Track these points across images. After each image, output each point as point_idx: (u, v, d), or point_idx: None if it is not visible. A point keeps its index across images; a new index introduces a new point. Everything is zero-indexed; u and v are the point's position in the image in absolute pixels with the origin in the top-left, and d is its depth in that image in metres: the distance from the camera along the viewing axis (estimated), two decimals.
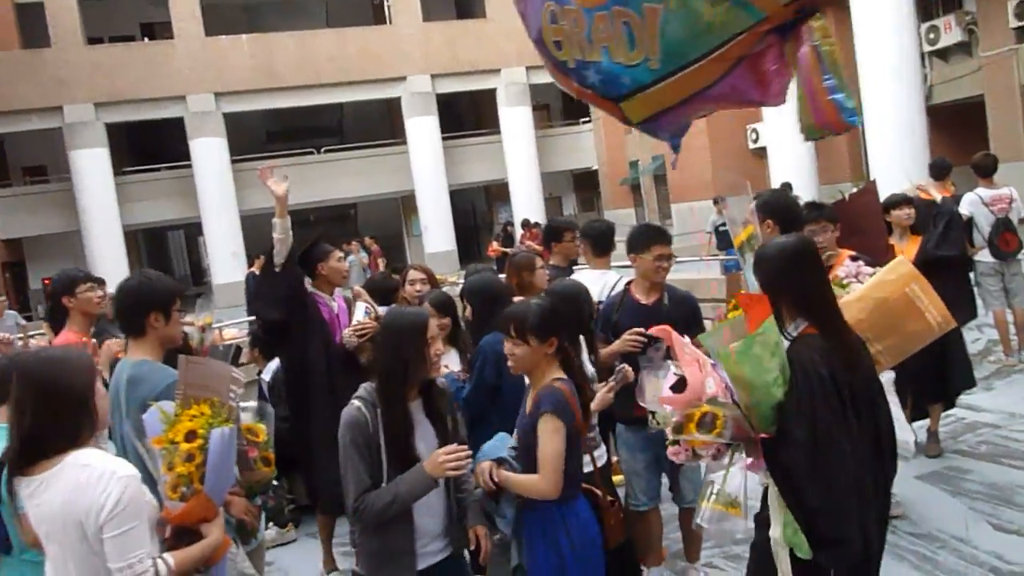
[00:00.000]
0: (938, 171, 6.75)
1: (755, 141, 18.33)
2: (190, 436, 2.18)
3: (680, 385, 2.39)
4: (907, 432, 3.11)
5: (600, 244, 4.45)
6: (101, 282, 4.24)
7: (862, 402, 2.36)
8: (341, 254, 4.49)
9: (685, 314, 3.64)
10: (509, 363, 2.73)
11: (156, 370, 2.72)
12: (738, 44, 2.71)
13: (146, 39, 22.63)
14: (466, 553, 2.80)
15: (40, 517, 2.05)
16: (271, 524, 4.80)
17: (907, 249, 4.87)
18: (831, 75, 2.63)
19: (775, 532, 2.38)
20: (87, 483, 1.99)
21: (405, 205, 24.56)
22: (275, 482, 3.16)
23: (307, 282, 4.38)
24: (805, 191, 13.13)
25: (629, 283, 3.86)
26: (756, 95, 2.98)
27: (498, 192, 25.31)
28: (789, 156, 15.03)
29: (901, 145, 11.95)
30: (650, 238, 3.70)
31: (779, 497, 2.35)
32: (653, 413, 3.30)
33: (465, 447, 2.50)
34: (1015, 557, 3.78)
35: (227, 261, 20.11)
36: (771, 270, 2.49)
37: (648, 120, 3.18)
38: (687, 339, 2.55)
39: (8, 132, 20.57)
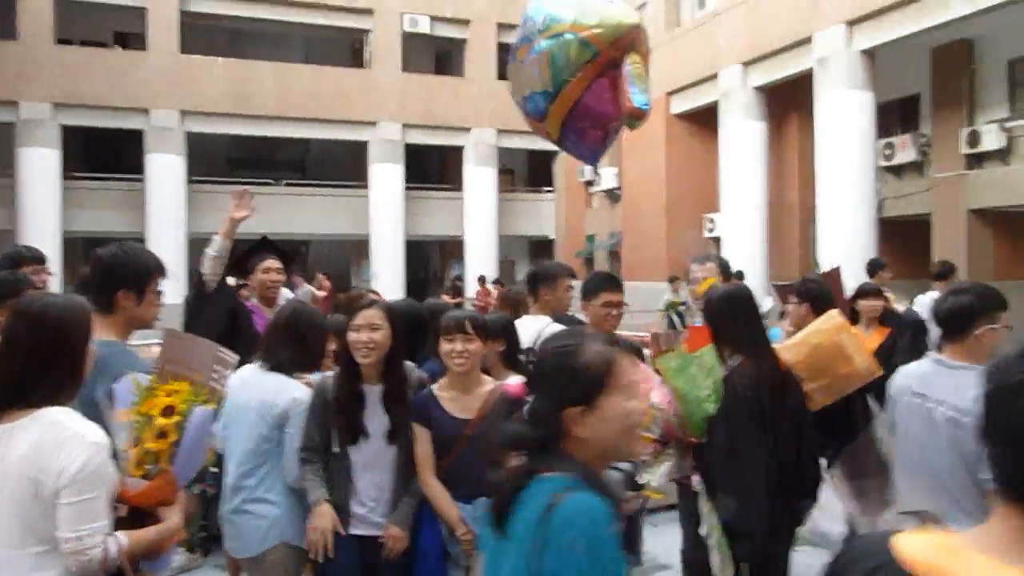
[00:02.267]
0: (871, 268, 7.05)
1: (711, 231, 18.70)
2: (167, 411, 2.06)
3: None
4: (838, 524, 3.08)
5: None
6: (42, 260, 3.98)
7: (786, 426, 2.79)
8: (271, 264, 4.28)
9: None
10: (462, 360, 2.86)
11: (124, 354, 2.45)
12: (590, 67, 4.54)
13: (118, 48, 22.29)
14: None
15: None
16: (180, 547, 4.45)
17: (871, 340, 4.83)
18: (634, 82, 4.41)
19: (703, 530, 2.79)
20: (54, 442, 1.85)
21: (358, 249, 24.30)
22: (212, 468, 3.06)
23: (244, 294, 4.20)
24: (755, 282, 13.36)
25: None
26: (611, 110, 4.67)
27: (453, 249, 25.25)
28: (744, 247, 15.37)
29: (851, 251, 12.27)
30: (598, 285, 3.59)
31: (708, 500, 2.80)
32: None
33: None
34: None
35: (165, 283, 19.31)
36: (716, 311, 2.98)
37: (562, 135, 4.94)
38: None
39: None
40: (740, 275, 12.94)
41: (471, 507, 2.82)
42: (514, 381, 3.18)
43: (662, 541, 4.22)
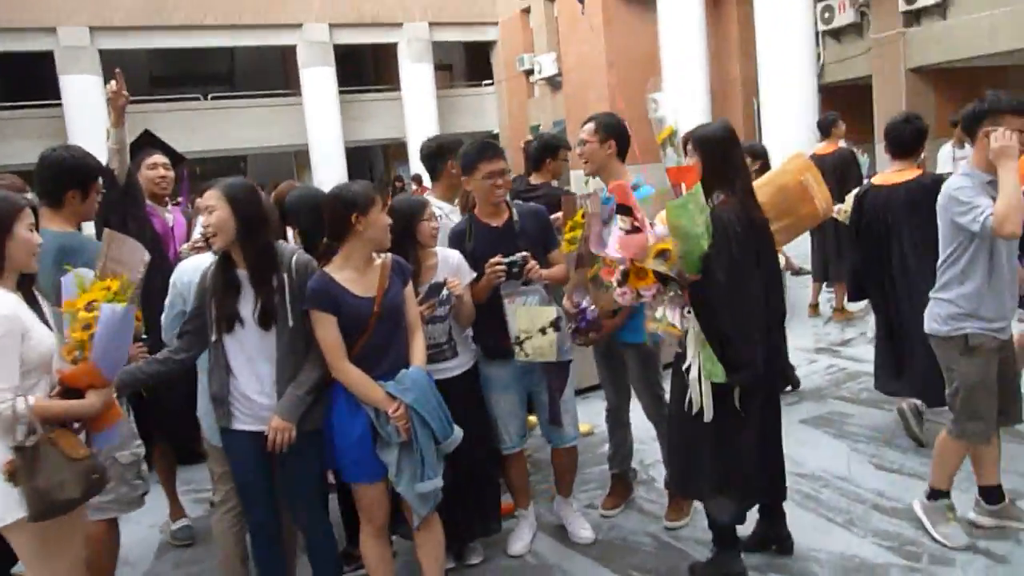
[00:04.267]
0: (824, 125, 7.20)
1: (655, 111, 18.48)
2: (89, 306, 2.34)
3: (632, 234, 2.84)
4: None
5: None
6: None
7: (762, 256, 2.97)
8: (158, 160, 4.08)
9: (538, 231, 3.47)
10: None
11: (89, 241, 3.08)
12: None
13: None
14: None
15: None
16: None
17: None
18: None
19: (693, 367, 2.89)
20: None
21: (299, 160, 23.65)
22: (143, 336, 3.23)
23: None
24: None
25: (473, 208, 3.57)
26: None
27: (397, 151, 24.72)
28: (688, 126, 15.22)
29: (795, 119, 12.28)
30: (475, 157, 3.38)
31: (697, 336, 2.89)
32: (521, 344, 3.21)
33: None
34: (895, 493, 3.83)
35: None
36: (707, 148, 3.02)
37: None
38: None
39: None
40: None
41: (394, 383, 2.80)
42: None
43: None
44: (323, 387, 2.84)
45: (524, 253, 3.24)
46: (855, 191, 4.72)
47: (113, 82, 3.72)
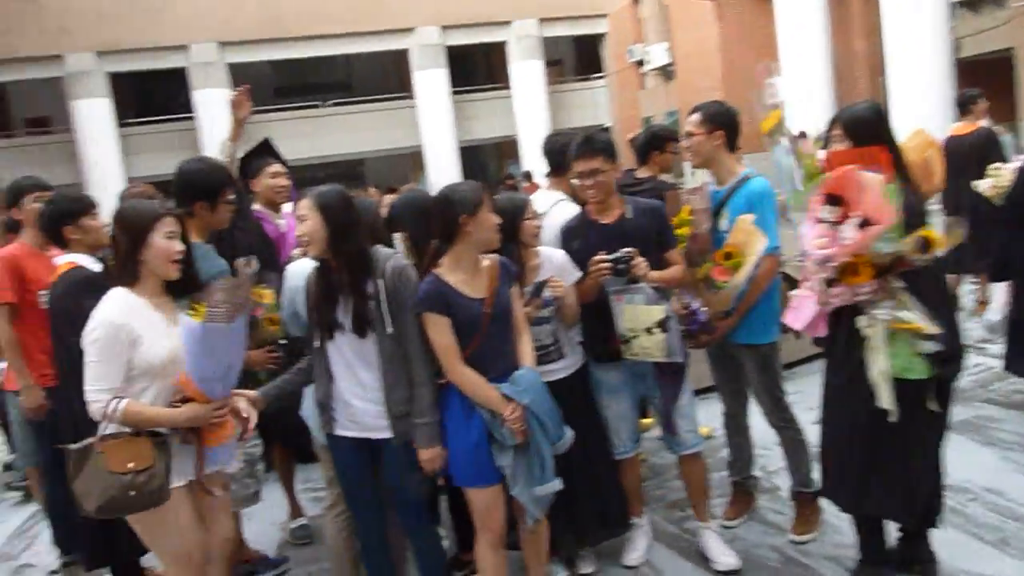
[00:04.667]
0: (964, 102, 6.70)
1: (773, 97, 17.77)
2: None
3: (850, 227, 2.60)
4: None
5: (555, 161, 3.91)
6: (46, 188, 3.97)
7: None
8: (278, 169, 4.15)
9: (654, 227, 3.27)
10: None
11: (212, 254, 3.23)
12: None
13: None
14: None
15: None
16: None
17: None
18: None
19: (881, 367, 2.63)
20: (94, 309, 2.46)
21: (414, 161, 24.13)
22: (281, 341, 3.39)
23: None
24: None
25: (585, 204, 3.41)
26: None
27: (508, 149, 24.81)
28: (810, 108, 14.47)
29: (926, 97, 11.46)
30: (572, 153, 3.23)
31: (884, 334, 2.62)
32: (628, 343, 3.05)
33: None
34: None
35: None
36: (858, 130, 2.80)
37: None
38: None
39: (9, 81, 20.19)
40: (803, 136, 12.32)
41: (509, 385, 2.75)
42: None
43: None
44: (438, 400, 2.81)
45: (629, 250, 3.08)
46: (1017, 163, 4.34)
47: (237, 91, 3.87)
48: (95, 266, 3.23)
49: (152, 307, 2.53)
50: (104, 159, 19.50)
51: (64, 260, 3.31)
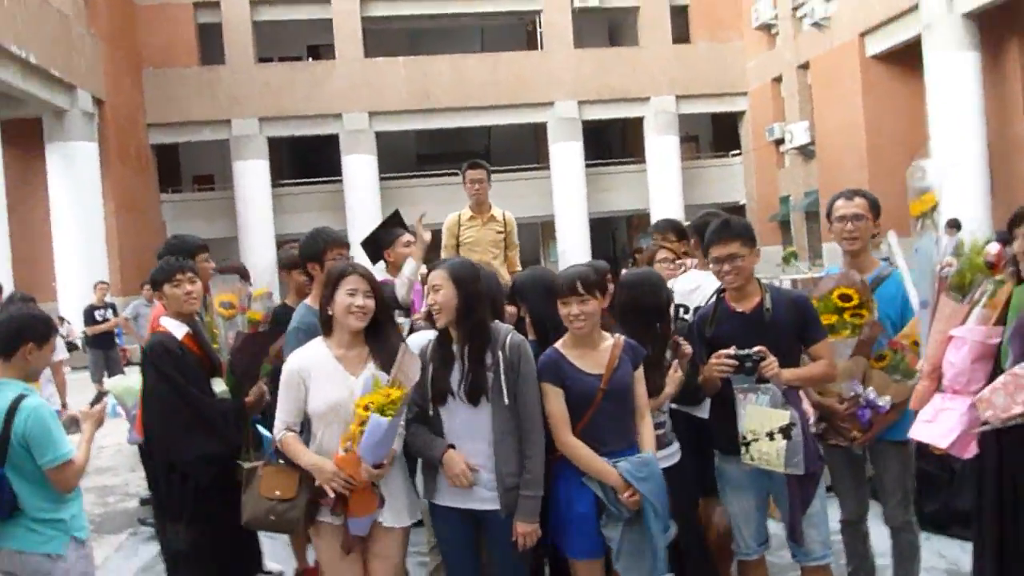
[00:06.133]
0: None
1: (920, 179, 16.99)
2: (367, 407, 2.57)
3: None
4: None
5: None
6: (204, 248, 4.08)
7: None
8: (409, 238, 4.32)
9: (794, 321, 3.01)
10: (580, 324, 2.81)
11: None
12: None
13: (310, 59, 23.84)
14: None
15: None
16: None
17: None
18: None
19: None
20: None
21: (544, 230, 24.52)
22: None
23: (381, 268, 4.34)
24: (981, 231, 11.92)
25: (723, 289, 3.19)
26: None
27: (640, 223, 24.80)
28: (963, 193, 13.76)
29: None
30: (709, 237, 3.08)
31: None
32: (747, 445, 2.87)
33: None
34: None
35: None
36: None
37: None
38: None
39: (184, 142, 22.21)
40: (956, 224, 11.63)
41: (632, 467, 2.72)
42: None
43: None
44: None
45: (759, 348, 2.88)
46: None
47: (417, 223, 4.15)
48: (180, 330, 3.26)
49: (334, 354, 2.79)
50: (258, 216, 21.01)
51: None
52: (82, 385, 8.98)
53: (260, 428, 3.32)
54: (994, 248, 3.23)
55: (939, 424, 2.58)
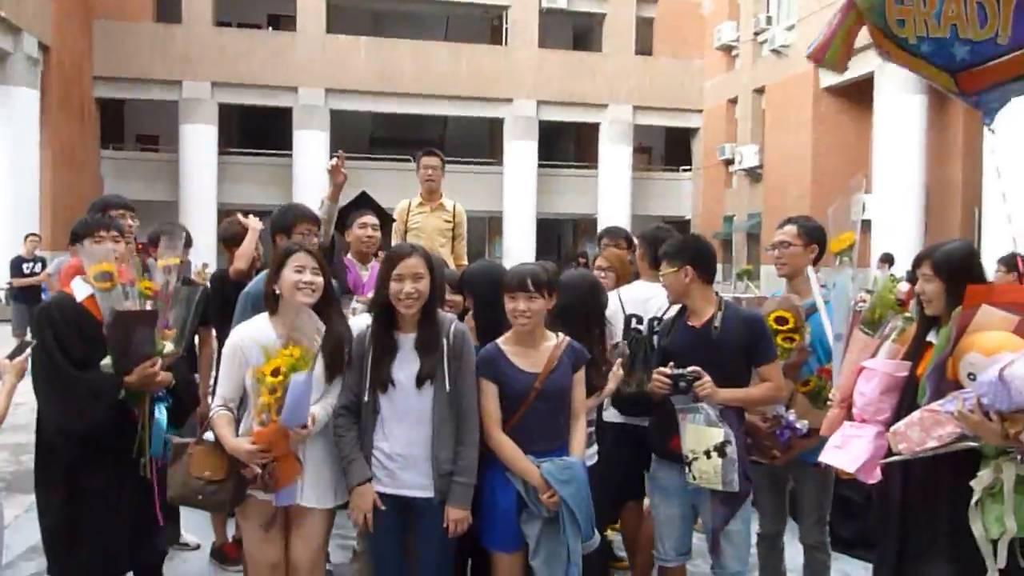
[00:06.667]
0: None
1: (856, 214, 17.54)
2: (275, 372, 2.51)
3: None
4: None
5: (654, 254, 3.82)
6: (129, 207, 3.85)
7: None
8: (368, 220, 4.26)
9: (743, 340, 3.02)
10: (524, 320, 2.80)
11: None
12: None
13: (270, 29, 23.38)
14: None
15: None
16: None
17: None
18: None
19: (1008, 525, 2.25)
20: None
21: (492, 226, 24.54)
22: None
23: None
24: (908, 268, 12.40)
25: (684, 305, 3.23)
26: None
27: (586, 228, 25.04)
28: (898, 231, 14.33)
29: None
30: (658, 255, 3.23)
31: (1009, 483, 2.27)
32: (689, 465, 2.92)
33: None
34: None
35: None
36: (960, 270, 2.53)
37: (975, 92, 3.46)
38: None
39: (130, 99, 21.53)
40: (889, 259, 12.07)
41: (555, 468, 2.74)
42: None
43: None
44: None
45: (694, 368, 2.92)
46: None
47: (336, 159, 4.05)
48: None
49: (276, 337, 2.71)
50: (201, 182, 20.48)
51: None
52: (3, 339, 8.64)
53: (161, 416, 2.92)
54: (904, 287, 3.35)
55: (848, 451, 2.65)
